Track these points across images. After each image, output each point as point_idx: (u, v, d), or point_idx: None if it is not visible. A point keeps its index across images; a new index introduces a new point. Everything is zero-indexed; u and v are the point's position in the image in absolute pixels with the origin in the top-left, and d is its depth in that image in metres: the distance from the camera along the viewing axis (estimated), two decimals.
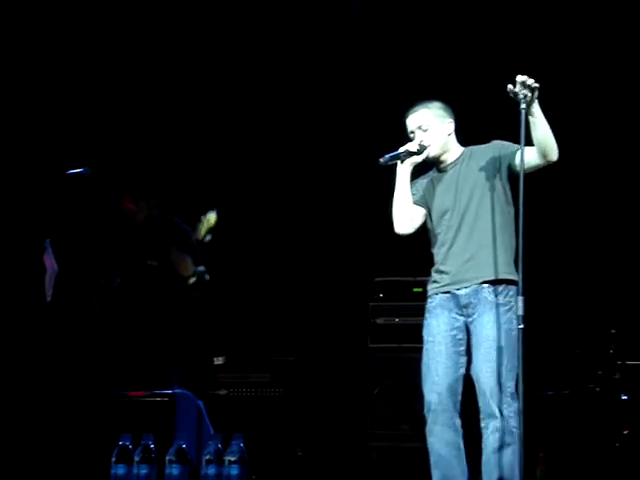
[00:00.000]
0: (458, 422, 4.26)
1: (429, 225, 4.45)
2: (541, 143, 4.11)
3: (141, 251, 5.55)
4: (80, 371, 5.52)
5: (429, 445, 4.26)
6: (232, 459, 3.91)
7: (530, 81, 3.97)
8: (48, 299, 4.78)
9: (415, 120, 4.39)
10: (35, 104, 6.91)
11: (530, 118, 4.05)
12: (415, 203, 4.41)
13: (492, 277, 4.22)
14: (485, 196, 4.27)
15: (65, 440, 4.73)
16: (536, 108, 4.06)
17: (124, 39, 7.11)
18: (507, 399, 4.09)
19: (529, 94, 3.97)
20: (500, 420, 4.10)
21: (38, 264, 4.81)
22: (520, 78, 3.97)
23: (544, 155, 4.14)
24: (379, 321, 6.27)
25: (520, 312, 3.92)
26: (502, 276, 4.22)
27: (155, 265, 5.47)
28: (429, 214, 4.43)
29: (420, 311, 4.49)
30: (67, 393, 4.99)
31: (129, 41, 7.12)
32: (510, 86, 4.00)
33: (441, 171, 4.43)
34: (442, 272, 4.34)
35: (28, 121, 6.88)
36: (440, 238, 4.37)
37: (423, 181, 4.47)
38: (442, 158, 4.41)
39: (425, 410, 4.27)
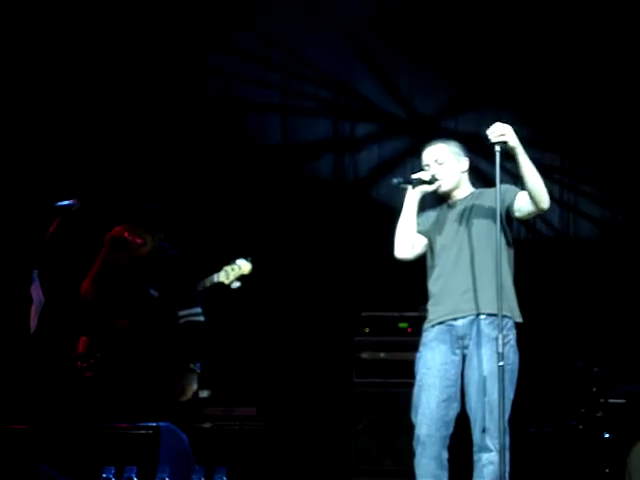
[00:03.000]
0: (445, 456, 4.25)
1: (428, 258, 4.48)
2: (530, 191, 4.19)
3: (142, 281, 5.54)
4: (63, 402, 5.51)
5: (416, 476, 4.25)
6: None
7: (495, 136, 4.08)
8: (32, 330, 4.77)
9: (432, 153, 4.47)
10: (23, 135, 6.95)
11: (517, 166, 4.15)
12: (419, 232, 4.47)
13: (489, 310, 4.21)
14: (485, 236, 4.30)
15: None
16: (521, 156, 4.14)
17: (114, 59, 7.20)
18: (500, 433, 4.04)
19: (501, 144, 4.08)
20: (492, 454, 4.11)
21: (25, 295, 4.81)
22: (491, 138, 4.10)
23: (534, 203, 4.21)
24: (364, 356, 6.28)
25: (500, 349, 3.96)
26: (501, 311, 4.14)
27: (156, 296, 5.48)
28: (430, 247, 4.47)
29: (406, 346, 4.50)
30: (50, 424, 4.97)
31: (117, 65, 7.20)
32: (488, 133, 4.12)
33: (449, 207, 4.49)
34: (438, 304, 4.36)
35: (16, 152, 6.91)
36: (437, 271, 4.40)
37: (431, 213, 4.54)
38: (452, 194, 4.48)
39: (414, 441, 4.27)
